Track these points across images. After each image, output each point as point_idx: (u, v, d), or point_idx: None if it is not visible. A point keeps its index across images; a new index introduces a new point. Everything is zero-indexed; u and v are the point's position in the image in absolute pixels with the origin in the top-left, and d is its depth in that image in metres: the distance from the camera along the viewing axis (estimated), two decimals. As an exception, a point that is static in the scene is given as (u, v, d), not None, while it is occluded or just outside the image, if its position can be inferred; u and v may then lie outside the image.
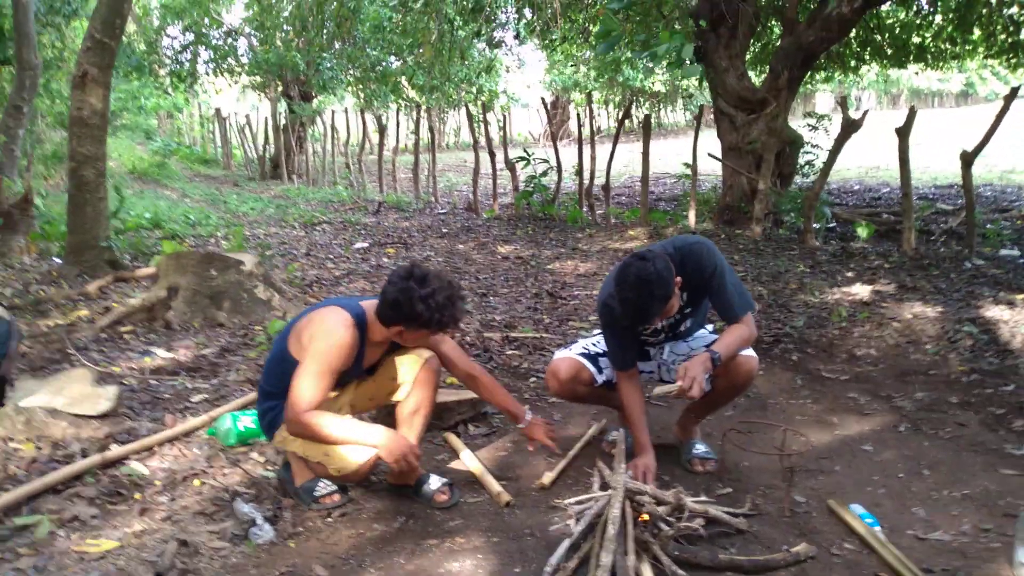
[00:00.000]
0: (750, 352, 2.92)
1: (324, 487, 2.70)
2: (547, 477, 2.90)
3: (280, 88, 18.24)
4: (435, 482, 2.77)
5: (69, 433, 3.15)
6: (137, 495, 2.78)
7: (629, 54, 8.40)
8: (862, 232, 7.28)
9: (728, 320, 2.86)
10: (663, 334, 3.03)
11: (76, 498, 2.72)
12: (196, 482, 2.87)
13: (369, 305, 2.63)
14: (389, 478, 2.84)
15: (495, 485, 2.81)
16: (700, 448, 3.09)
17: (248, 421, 3.19)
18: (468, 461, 3.04)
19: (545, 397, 3.86)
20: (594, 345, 3.12)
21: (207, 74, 19.30)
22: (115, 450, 3.04)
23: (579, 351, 3.10)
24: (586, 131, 9.66)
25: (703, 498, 2.68)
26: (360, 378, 2.79)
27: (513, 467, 3.08)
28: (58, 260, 6.79)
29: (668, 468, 3.03)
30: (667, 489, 2.51)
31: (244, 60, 18.32)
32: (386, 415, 3.04)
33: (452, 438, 3.25)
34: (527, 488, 2.88)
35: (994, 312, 4.82)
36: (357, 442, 2.57)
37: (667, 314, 2.75)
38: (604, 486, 2.63)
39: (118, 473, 2.91)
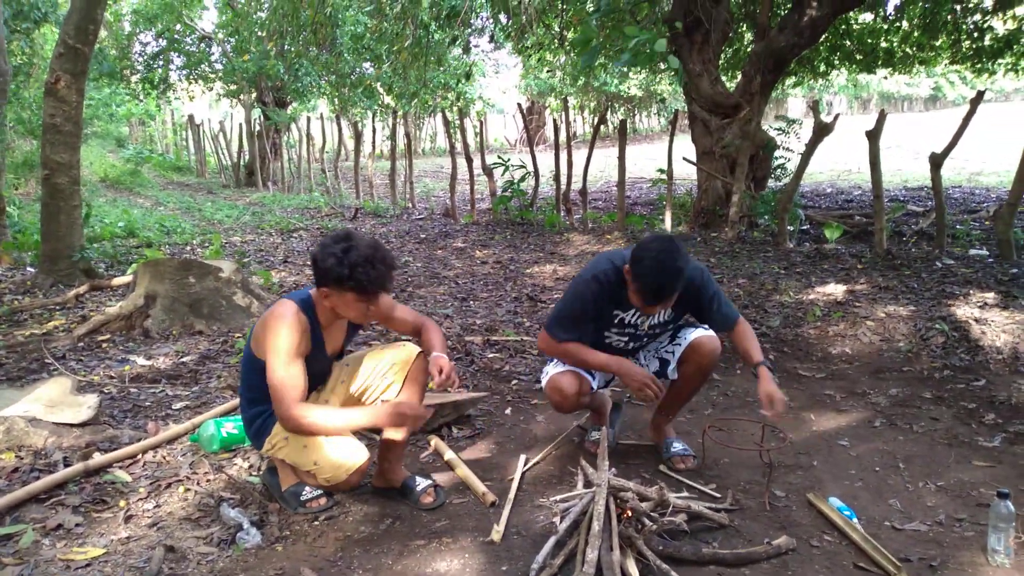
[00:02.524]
0: (711, 333, 2.96)
1: (310, 491, 2.71)
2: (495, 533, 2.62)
3: (254, 95, 18.15)
4: (421, 483, 2.79)
5: (51, 442, 3.13)
6: (122, 502, 2.77)
7: (602, 59, 8.45)
8: (831, 234, 7.39)
9: (728, 328, 2.98)
10: (629, 337, 3.01)
11: (60, 507, 2.71)
12: (181, 488, 2.87)
13: (316, 290, 2.62)
14: (375, 481, 2.85)
15: (480, 486, 2.84)
16: (678, 446, 3.13)
17: (231, 427, 3.19)
18: (453, 463, 3.06)
19: (527, 399, 3.89)
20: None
21: (180, 80, 19.17)
22: (98, 458, 3.03)
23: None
24: (562, 136, 9.72)
25: (685, 494, 2.73)
26: (327, 370, 2.80)
27: (497, 468, 3.11)
28: (32, 269, 6.73)
29: (651, 466, 3.07)
30: (650, 486, 2.55)
31: (218, 67, 18.21)
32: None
33: (436, 440, 3.27)
34: (509, 488, 2.90)
35: (965, 310, 4.92)
36: (355, 425, 2.59)
37: (672, 299, 2.72)
38: (588, 484, 2.67)
39: (102, 481, 2.90)
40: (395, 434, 2.75)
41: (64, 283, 6.17)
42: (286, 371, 2.46)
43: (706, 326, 3.00)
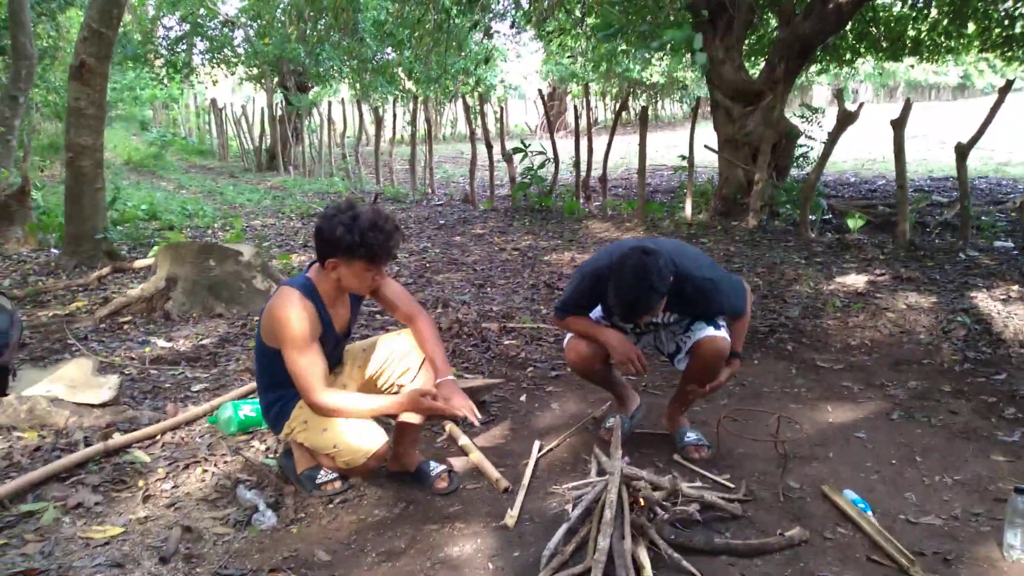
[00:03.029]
0: (722, 333, 2.93)
1: (325, 474, 2.74)
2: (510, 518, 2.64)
3: (276, 79, 18.20)
4: (435, 468, 2.81)
5: (72, 422, 3.18)
6: (140, 482, 2.81)
7: (624, 46, 8.39)
8: (853, 224, 7.31)
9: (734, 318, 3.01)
10: (630, 329, 3.10)
11: (80, 486, 2.76)
12: (198, 469, 2.91)
13: (314, 268, 2.63)
14: (389, 465, 2.87)
15: (494, 472, 2.85)
16: (692, 436, 3.12)
17: (248, 410, 3.23)
18: (467, 448, 3.08)
19: (542, 385, 3.90)
20: (603, 320, 3.12)
21: (203, 65, 19.26)
22: (117, 438, 3.08)
23: None
24: (583, 123, 9.67)
25: (698, 483, 2.72)
26: (341, 350, 2.83)
27: (511, 454, 3.12)
28: (56, 251, 6.82)
29: (664, 455, 3.07)
30: (663, 475, 2.55)
31: (241, 51, 18.27)
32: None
33: (451, 426, 3.29)
34: (522, 474, 2.91)
35: (987, 303, 4.86)
36: (378, 411, 2.62)
37: (650, 314, 2.75)
38: (601, 472, 2.67)
39: (121, 461, 2.95)
40: (412, 418, 2.77)
41: (87, 265, 6.25)
42: (305, 358, 2.49)
43: (721, 324, 2.97)
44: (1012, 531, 2.34)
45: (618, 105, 11.08)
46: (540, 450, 3.09)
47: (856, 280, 5.49)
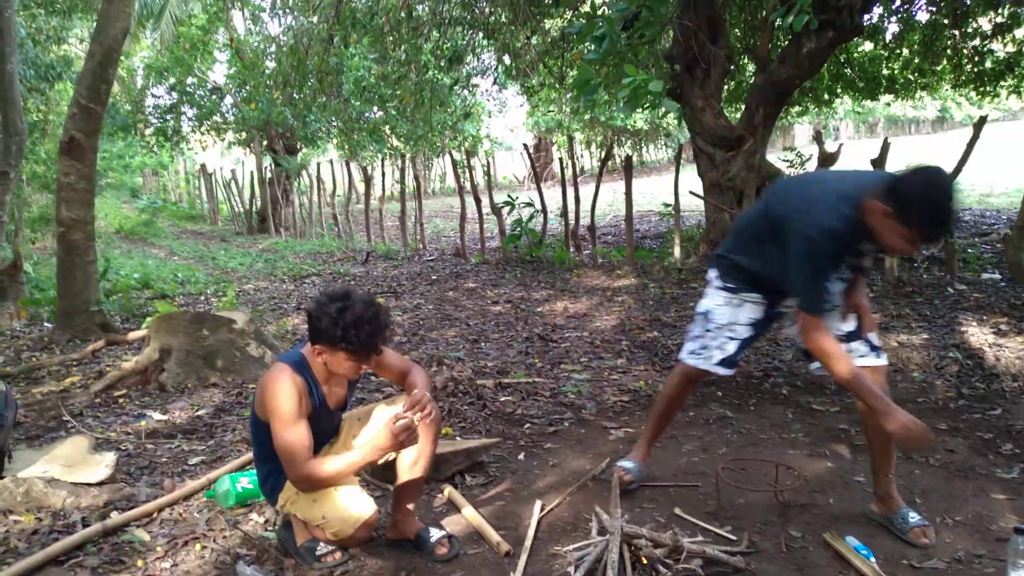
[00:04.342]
0: (883, 361, 2.83)
1: (324, 546, 2.72)
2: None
3: (265, 142, 18.44)
4: (435, 534, 2.79)
5: (69, 502, 3.16)
6: (139, 562, 2.78)
7: (606, 96, 8.56)
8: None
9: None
10: (842, 281, 2.69)
11: (79, 568, 2.73)
12: (197, 546, 2.88)
13: (309, 345, 2.64)
14: (388, 534, 2.86)
15: (494, 535, 2.84)
16: (915, 517, 2.79)
17: (246, 482, 3.21)
18: (466, 512, 3.06)
19: (540, 442, 3.89)
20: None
21: (192, 131, 19.51)
22: (115, 517, 3.05)
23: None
24: (569, 172, 9.81)
25: (700, 538, 2.71)
26: (336, 423, 2.82)
27: (512, 516, 3.10)
28: (49, 325, 6.82)
29: (665, 509, 3.06)
30: (664, 530, 2.54)
31: (229, 117, 18.53)
32: (383, 468, 3.07)
33: (450, 490, 3.27)
34: (524, 536, 2.90)
35: (978, 336, 4.90)
36: (363, 459, 2.55)
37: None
38: (602, 531, 2.66)
39: (119, 540, 2.92)
40: (409, 462, 2.73)
41: (81, 338, 6.25)
42: (290, 434, 2.49)
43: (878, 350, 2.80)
44: (1015, 573, 2.34)
45: (603, 153, 11.23)
46: (541, 510, 3.08)
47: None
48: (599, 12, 6.66)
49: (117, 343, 6.12)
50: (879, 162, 6.62)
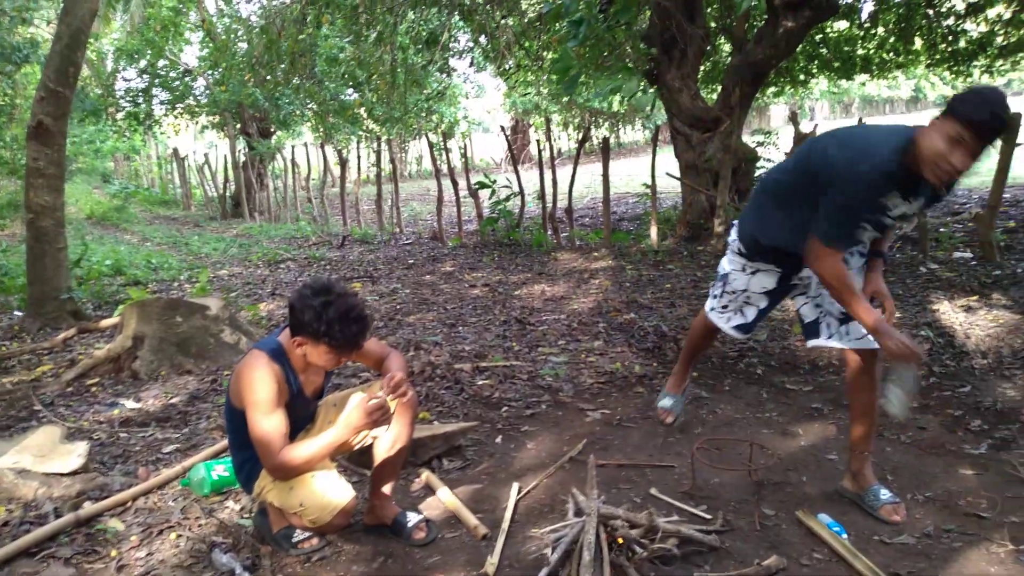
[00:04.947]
0: (872, 365, 2.82)
1: (302, 532, 2.71)
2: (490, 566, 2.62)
3: (238, 126, 18.21)
4: (412, 519, 2.79)
5: (41, 493, 3.12)
6: (114, 552, 2.76)
7: (584, 79, 8.55)
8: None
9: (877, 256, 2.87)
10: (874, 226, 2.61)
11: (51, 559, 2.70)
12: (172, 535, 2.86)
13: (287, 331, 2.62)
14: (365, 519, 2.85)
15: (472, 519, 2.84)
16: (886, 493, 2.82)
17: (221, 469, 3.19)
18: (444, 496, 3.06)
19: (518, 425, 3.90)
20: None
21: (165, 115, 19.22)
22: (88, 507, 3.02)
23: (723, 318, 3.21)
24: (546, 155, 9.78)
25: (676, 517, 2.74)
26: (312, 411, 2.81)
27: (489, 499, 3.11)
28: (19, 313, 6.71)
29: (641, 489, 3.08)
30: (640, 511, 2.56)
31: (202, 100, 18.26)
32: (360, 453, 3.06)
33: (427, 474, 3.28)
34: (501, 519, 2.91)
35: (949, 315, 4.97)
36: (337, 439, 2.56)
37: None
38: (579, 512, 2.67)
39: (93, 531, 2.90)
40: (386, 447, 2.72)
41: (52, 327, 6.16)
42: (267, 422, 2.47)
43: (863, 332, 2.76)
44: (889, 386, 2.61)
45: (581, 135, 11.21)
46: (518, 493, 3.09)
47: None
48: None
49: (89, 331, 6.04)
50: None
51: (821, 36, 11.05)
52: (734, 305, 3.10)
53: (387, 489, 2.82)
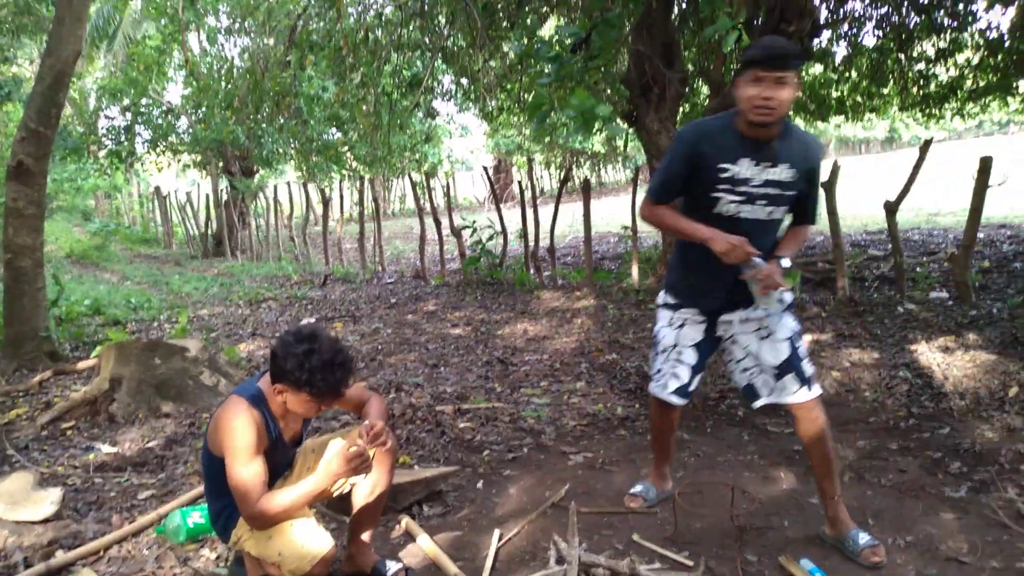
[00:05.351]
0: (814, 393, 2.86)
1: (278, 582, 2.66)
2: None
3: (221, 164, 18.22)
4: (391, 567, 2.75)
5: (10, 542, 3.05)
6: (84, 604, 2.70)
7: (561, 119, 8.67)
8: (788, 282, 7.52)
9: (800, 224, 2.97)
10: (743, 197, 2.74)
11: (19, 612, 2.64)
12: (146, 585, 2.81)
13: (267, 377, 2.60)
14: (344, 567, 2.81)
15: (452, 567, 2.81)
16: (865, 537, 2.82)
17: (197, 516, 3.14)
18: (424, 543, 3.03)
19: (499, 469, 3.87)
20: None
21: (147, 152, 19.21)
22: (60, 556, 2.96)
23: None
24: (529, 194, 9.85)
25: (657, 565, 2.72)
26: (291, 457, 2.78)
27: (470, 546, 3.08)
28: (-6, 354, 6.61)
29: (623, 536, 3.06)
30: (621, 558, 2.54)
31: (185, 138, 18.29)
32: (339, 500, 3.02)
33: (407, 520, 3.24)
34: (482, 567, 2.88)
35: (927, 355, 5.01)
36: (317, 487, 2.50)
37: (780, 108, 2.57)
38: (560, 560, 2.65)
39: (64, 581, 2.84)
40: (365, 493, 2.69)
41: (28, 368, 6.07)
42: (246, 470, 2.44)
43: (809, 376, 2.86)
44: (752, 291, 2.71)
45: (562, 175, 11.31)
46: (499, 540, 3.06)
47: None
48: (554, 37, 6.74)
49: (66, 372, 5.96)
50: (829, 184, 6.77)
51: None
52: (668, 367, 3.05)
53: (366, 536, 2.79)
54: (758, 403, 2.94)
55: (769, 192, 2.73)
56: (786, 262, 2.76)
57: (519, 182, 10.29)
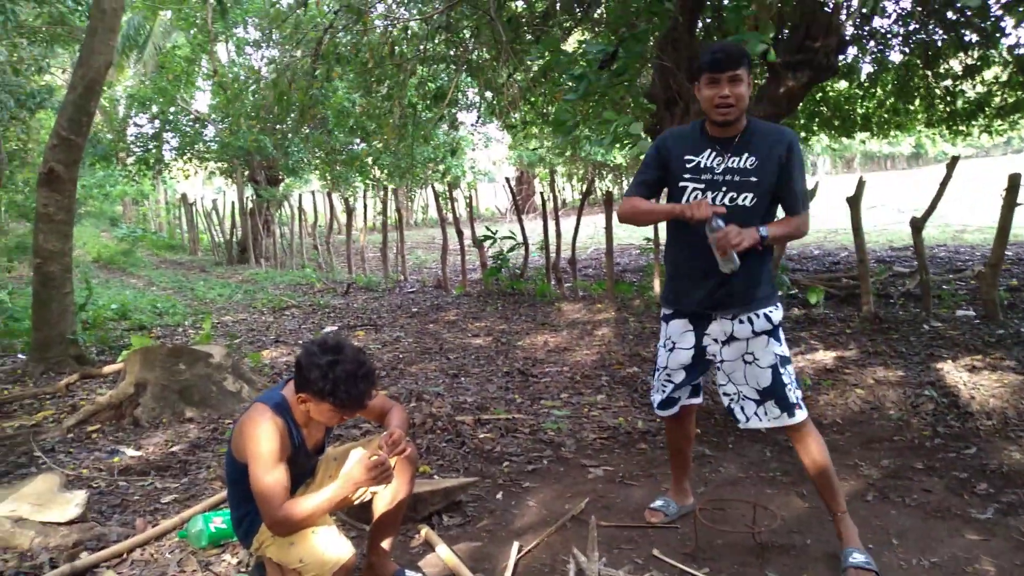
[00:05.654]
0: (802, 417, 2.92)
1: (299, 588, 2.67)
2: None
3: (247, 172, 18.42)
4: (410, 577, 2.76)
5: (37, 542, 3.10)
6: (107, 606, 2.73)
7: (588, 132, 8.69)
8: (812, 298, 7.47)
9: (789, 214, 2.93)
10: (705, 184, 2.85)
11: (44, 612, 2.67)
12: (168, 589, 2.83)
13: (291, 385, 2.62)
14: (364, 575, 2.82)
15: (471, 577, 2.81)
16: (859, 557, 2.81)
17: (219, 522, 3.17)
18: (443, 553, 3.03)
19: (519, 481, 3.87)
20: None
21: (174, 159, 19.48)
22: (85, 558, 3.00)
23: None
24: (550, 206, 9.88)
25: (678, 581, 2.70)
26: (313, 464, 2.79)
27: (489, 557, 3.08)
28: (23, 357, 6.72)
29: (643, 551, 3.05)
30: (642, 574, 2.53)
31: (212, 146, 18.53)
32: (359, 508, 3.04)
33: (426, 530, 3.24)
34: (503, 578, 2.87)
35: (953, 374, 4.95)
36: (339, 494, 2.50)
37: (738, 103, 2.73)
38: (579, 573, 2.65)
39: (87, 583, 2.87)
40: (385, 502, 2.70)
41: (55, 371, 6.17)
42: (269, 477, 2.45)
43: (795, 400, 2.90)
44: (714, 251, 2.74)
45: (584, 187, 11.32)
46: (519, 552, 3.05)
47: (824, 356, 5.57)
48: (579, 52, 6.76)
49: (92, 376, 6.04)
50: (855, 200, 6.72)
51: (821, 95, 11.22)
52: (658, 384, 3.16)
53: (386, 545, 2.80)
54: (742, 425, 3.01)
55: (731, 179, 2.83)
56: (764, 230, 2.78)
57: (541, 193, 10.30)
